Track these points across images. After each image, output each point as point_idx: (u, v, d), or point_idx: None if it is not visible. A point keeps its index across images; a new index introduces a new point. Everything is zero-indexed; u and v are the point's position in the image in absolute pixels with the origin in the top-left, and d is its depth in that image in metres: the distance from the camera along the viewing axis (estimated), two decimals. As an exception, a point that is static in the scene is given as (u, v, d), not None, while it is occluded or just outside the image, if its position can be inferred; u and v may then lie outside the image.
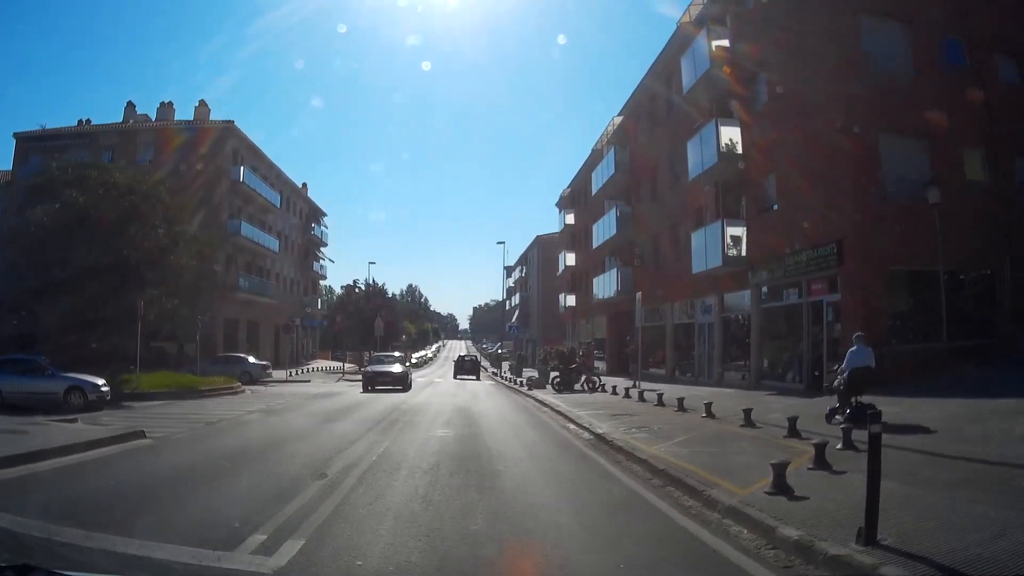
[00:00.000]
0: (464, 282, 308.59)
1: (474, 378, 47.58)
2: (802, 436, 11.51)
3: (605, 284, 42.50)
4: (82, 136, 45.84)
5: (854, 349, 13.12)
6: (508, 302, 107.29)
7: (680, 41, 30.38)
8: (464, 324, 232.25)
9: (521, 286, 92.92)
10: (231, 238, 43.87)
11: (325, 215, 72.15)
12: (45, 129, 46.05)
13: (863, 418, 12.75)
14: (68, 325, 27.67)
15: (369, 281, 70.80)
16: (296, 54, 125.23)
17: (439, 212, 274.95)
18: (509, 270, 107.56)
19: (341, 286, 64.47)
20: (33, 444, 11.01)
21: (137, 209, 29.21)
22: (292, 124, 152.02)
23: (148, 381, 25.81)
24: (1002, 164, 20.62)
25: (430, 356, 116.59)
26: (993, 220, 19.57)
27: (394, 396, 26.03)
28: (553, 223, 73.30)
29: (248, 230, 45.66)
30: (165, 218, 30.67)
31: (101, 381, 20.87)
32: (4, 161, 51.66)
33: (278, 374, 40.16)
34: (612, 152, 41.57)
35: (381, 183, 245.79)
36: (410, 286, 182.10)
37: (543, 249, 76.70)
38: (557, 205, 65.99)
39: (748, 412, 13.80)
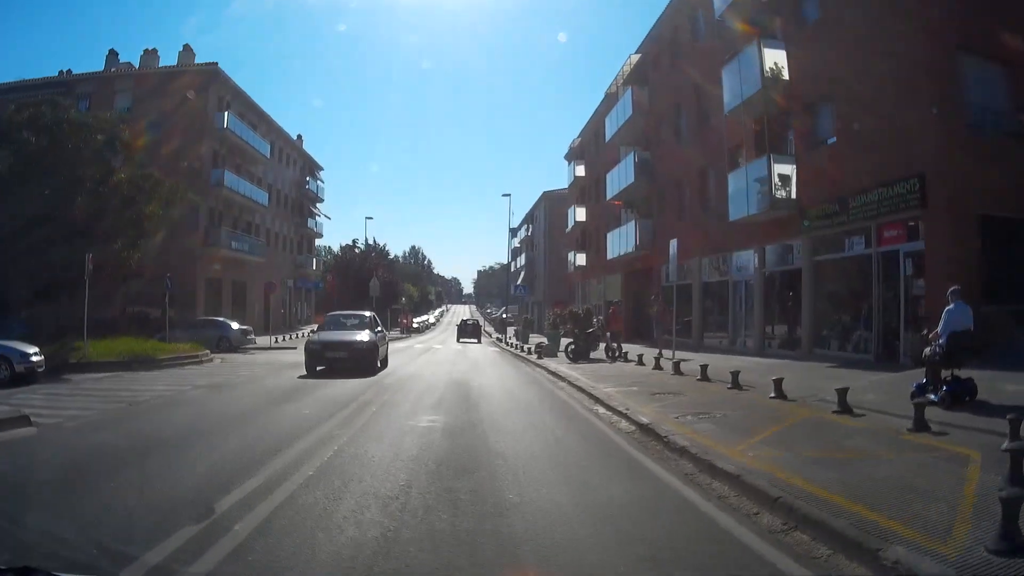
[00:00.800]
0: (469, 245, 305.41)
1: (475, 341, 52.10)
2: (933, 430, 8.10)
3: (621, 239, 38.81)
4: (58, 85, 41.81)
5: (951, 308, 10.10)
6: (513, 263, 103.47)
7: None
8: (468, 288, 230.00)
9: (527, 246, 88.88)
10: (214, 190, 40.21)
11: (321, 169, 68.25)
12: (20, 80, 42.58)
13: (964, 394, 9.51)
14: (35, 288, 24.44)
15: (368, 240, 67.30)
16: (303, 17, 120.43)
17: (443, 173, 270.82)
18: (514, 231, 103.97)
19: (340, 245, 60.96)
20: None
21: (95, 151, 25.64)
22: (289, 78, 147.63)
23: (99, 349, 22.53)
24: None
25: (432, 321, 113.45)
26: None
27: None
28: (561, 180, 69.49)
29: (233, 181, 41.88)
30: (128, 161, 27.04)
31: (33, 349, 17.48)
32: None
33: (263, 340, 36.74)
34: (629, 93, 37.59)
35: (383, 143, 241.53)
36: (413, 247, 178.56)
37: (550, 205, 72.72)
38: (566, 157, 62.15)
39: (843, 393, 10.22)
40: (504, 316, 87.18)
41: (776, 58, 21.80)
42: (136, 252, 27.01)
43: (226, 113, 40.75)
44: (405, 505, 5.69)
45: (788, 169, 21.78)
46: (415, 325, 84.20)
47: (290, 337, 42.38)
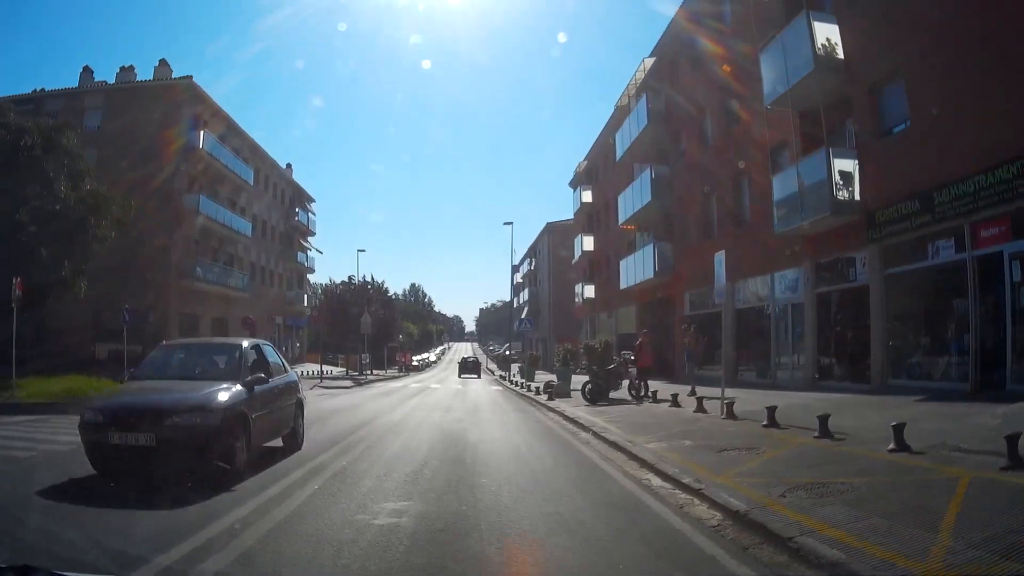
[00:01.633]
0: (470, 284, 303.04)
1: (475, 376, 55.69)
2: None
3: (635, 266, 35.12)
4: (26, 103, 38.81)
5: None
6: (516, 299, 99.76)
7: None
8: (471, 326, 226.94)
9: (530, 280, 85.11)
10: (189, 217, 36.67)
11: (312, 200, 64.82)
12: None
13: None
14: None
15: (365, 277, 63.61)
16: (296, 53, 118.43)
17: (443, 211, 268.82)
18: (516, 267, 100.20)
19: (327, 280, 57.17)
20: None
21: (32, 159, 22.15)
22: (291, 123, 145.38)
23: (32, 389, 19.39)
24: None
25: (433, 359, 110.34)
26: None
27: (351, 413, 18.84)
28: (564, 212, 66.16)
29: (211, 208, 38.33)
30: (71, 174, 23.50)
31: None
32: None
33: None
34: (643, 101, 34.20)
35: (382, 184, 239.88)
36: (413, 285, 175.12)
37: (554, 237, 69.22)
38: (571, 184, 58.80)
39: (1014, 440, 6.40)
40: (507, 353, 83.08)
41: (828, 33, 18.33)
42: (82, 279, 23.48)
43: (202, 132, 37.26)
44: None
45: (850, 165, 18.21)
46: (415, 363, 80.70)
47: (273, 378, 38.37)
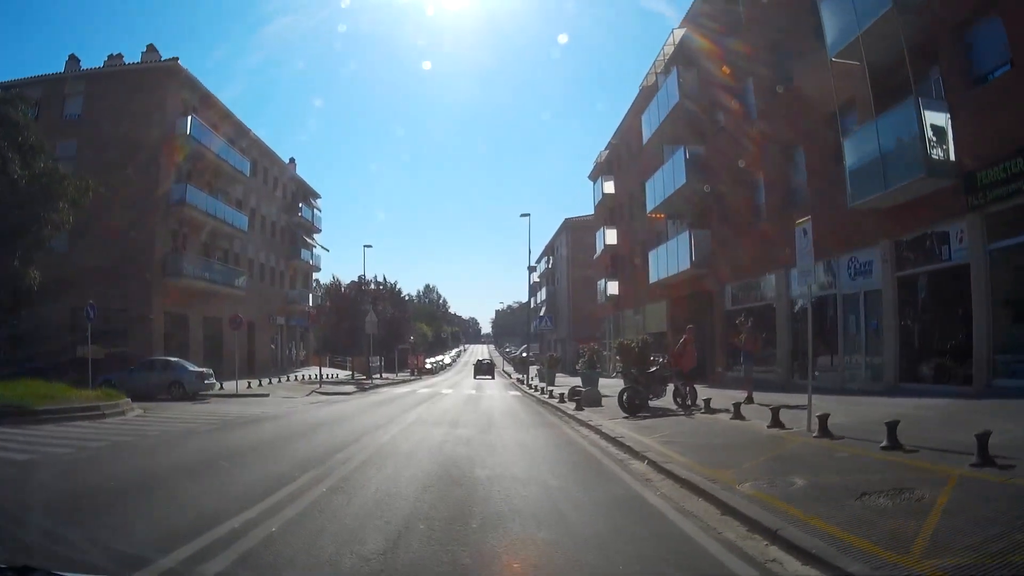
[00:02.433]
0: (486, 285, 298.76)
1: (489, 377, 59.33)
2: None
3: (668, 258, 31.64)
4: (3, 89, 35.92)
5: None
6: (533, 300, 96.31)
7: None
8: (487, 328, 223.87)
9: (548, 280, 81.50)
10: (175, 209, 33.49)
11: (318, 196, 61.56)
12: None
13: None
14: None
15: (377, 277, 60.34)
16: (300, 53, 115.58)
17: (458, 210, 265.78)
18: (532, 269, 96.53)
19: (331, 277, 53.73)
20: None
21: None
22: (298, 125, 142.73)
23: None
24: None
25: (447, 361, 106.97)
26: None
27: (336, 428, 15.54)
28: (583, 207, 62.72)
29: (200, 199, 35.13)
30: (21, 151, 20.39)
31: None
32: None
33: (239, 384, 29.56)
34: (673, 75, 30.78)
35: (396, 185, 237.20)
36: (427, 286, 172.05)
37: (573, 234, 65.80)
38: (590, 176, 55.38)
39: None
40: (524, 355, 79.52)
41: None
42: (34, 268, 20.43)
43: (189, 118, 34.06)
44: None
45: (941, 119, 14.82)
46: (428, 366, 77.33)
47: (272, 381, 35.10)
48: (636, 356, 18.30)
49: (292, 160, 55.87)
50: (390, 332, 53.75)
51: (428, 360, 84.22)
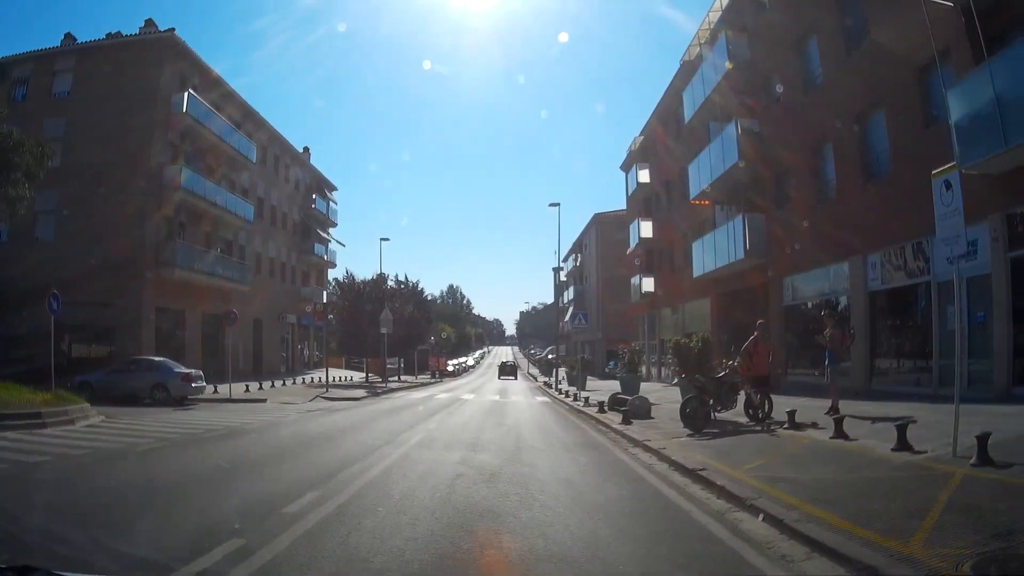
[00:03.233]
0: (510, 287, 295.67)
1: (512, 377, 63.69)
2: None
3: (716, 248, 28.03)
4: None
5: None
6: (560, 299, 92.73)
7: None
8: (511, 330, 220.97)
9: (575, 278, 77.70)
10: (169, 193, 30.44)
11: (334, 188, 58.48)
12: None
13: None
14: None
15: (399, 276, 57.18)
16: (321, 45, 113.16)
17: (482, 211, 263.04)
18: (557, 270, 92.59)
19: (345, 272, 50.25)
20: None
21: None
22: (319, 121, 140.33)
23: None
24: None
25: (471, 363, 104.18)
26: None
27: (327, 449, 12.19)
28: (614, 202, 59.18)
29: (198, 183, 31.97)
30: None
31: None
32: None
33: (238, 387, 26.44)
34: (721, 43, 27.24)
35: (419, 185, 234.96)
36: (451, 286, 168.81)
37: (603, 230, 62.16)
38: (622, 167, 51.75)
39: None
40: (550, 357, 76.07)
41: None
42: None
43: (186, 94, 31.00)
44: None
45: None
46: (450, 368, 74.22)
47: (275, 385, 31.91)
48: (695, 359, 14.83)
49: (306, 149, 52.86)
50: (410, 333, 50.48)
51: (450, 362, 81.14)
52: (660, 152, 41.02)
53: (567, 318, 70.67)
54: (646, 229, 42.60)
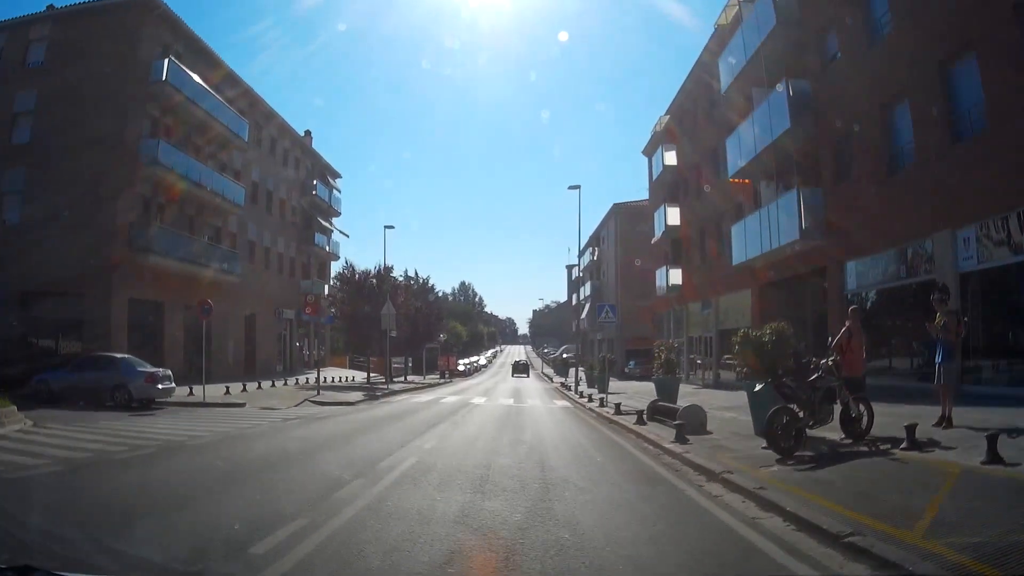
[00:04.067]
0: (523, 285, 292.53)
1: (525, 375, 66.86)
2: None
3: (760, 231, 24.58)
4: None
5: None
6: (574, 296, 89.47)
7: None
8: (524, 329, 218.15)
9: (592, 273, 73.94)
10: (145, 169, 27.23)
11: (338, 176, 55.26)
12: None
13: None
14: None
15: (408, 271, 53.91)
16: (330, 35, 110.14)
17: (494, 210, 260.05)
18: (570, 268, 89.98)
19: (343, 265, 46.76)
20: None
21: None
22: (326, 108, 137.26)
23: None
24: None
25: (483, 363, 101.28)
26: None
27: (285, 476, 8.85)
28: (631, 195, 55.63)
29: (177, 160, 28.69)
30: None
31: None
32: None
33: (212, 390, 23.35)
34: (766, -2, 23.81)
35: (431, 182, 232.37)
36: (463, 283, 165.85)
37: (623, 220, 58.62)
38: (644, 152, 48.36)
39: None
40: (565, 356, 72.53)
41: None
42: None
43: (166, 61, 27.79)
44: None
45: None
46: (460, 368, 70.97)
47: (262, 386, 28.67)
48: (770, 357, 11.43)
49: (308, 133, 49.64)
50: (419, 330, 47.22)
51: (461, 361, 77.88)
52: (688, 132, 37.58)
53: (584, 315, 67.25)
54: (673, 216, 39.14)
